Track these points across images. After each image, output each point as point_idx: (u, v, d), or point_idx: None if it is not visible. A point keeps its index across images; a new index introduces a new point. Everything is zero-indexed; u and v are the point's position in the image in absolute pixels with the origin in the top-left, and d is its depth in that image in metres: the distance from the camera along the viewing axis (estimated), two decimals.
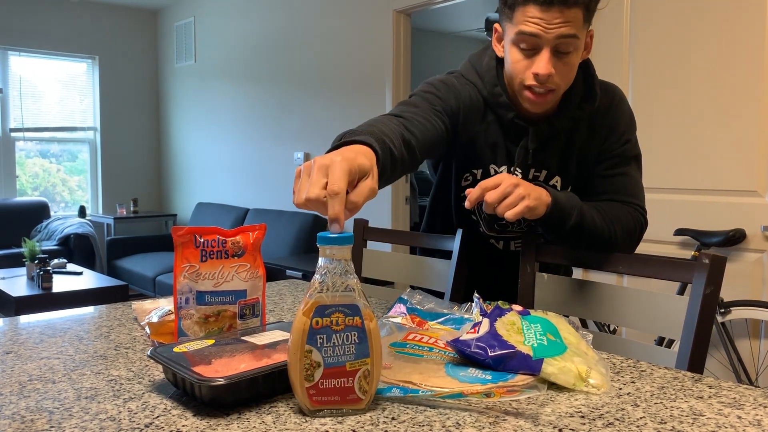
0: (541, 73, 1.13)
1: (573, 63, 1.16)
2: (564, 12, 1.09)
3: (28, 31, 5.85)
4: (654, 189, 2.72)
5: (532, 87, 1.16)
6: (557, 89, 1.17)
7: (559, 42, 1.11)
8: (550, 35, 1.10)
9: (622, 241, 1.24)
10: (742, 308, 2.32)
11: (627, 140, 1.29)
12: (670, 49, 2.64)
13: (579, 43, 1.14)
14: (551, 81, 1.14)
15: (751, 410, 0.76)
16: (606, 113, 1.28)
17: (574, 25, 1.10)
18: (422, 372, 0.81)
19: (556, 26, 1.09)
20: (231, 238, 0.99)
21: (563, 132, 1.28)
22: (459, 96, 1.27)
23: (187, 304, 0.97)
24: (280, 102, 5.04)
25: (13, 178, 5.96)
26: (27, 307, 3.64)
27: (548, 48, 1.12)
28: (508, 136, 1.29)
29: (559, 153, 1.30)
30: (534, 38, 1.11)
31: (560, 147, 1.30)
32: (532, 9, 1.10)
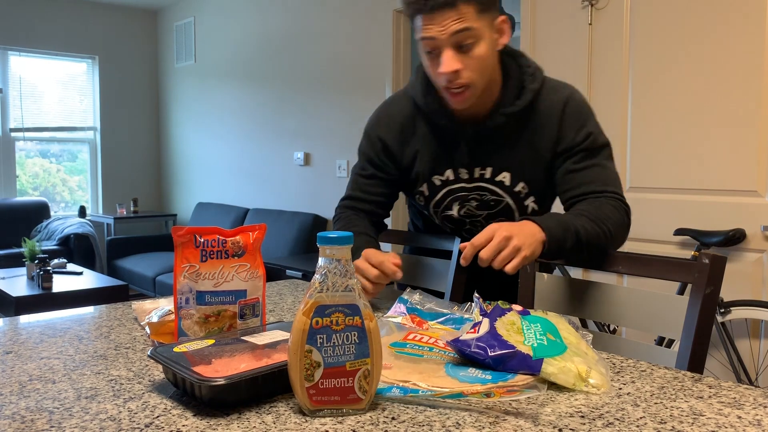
0: (446, 71, 1.17)
1: (480, 54, 1.19)
2: (449, 12, 1.14)
3: (28, 31, 5.85)
4: (654, 189, 2.72)
5: (448, 87, 1.21)
6: (472, 83, 1.20)
7: (456, 38, 1.15)
8: (444, 35, 1.15)
9: (616, 236, 1.25)
10: (742, 308, 2.32)
11: (588, 133, 1.30)
12: (670, 49, 2.64)
13: (478, 33, 1.16)
14: (462, 76, 1.18)
15: (751, 410, 0.76)
16: (554, 109, 1.30)
17: (465, 19, 1.14)
18: (422, 372, 0.81)
19: (447, 25, 1.14)
20: (231, 238, 0.99)
21: (502, 129, 1.30)
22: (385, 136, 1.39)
23: (187, 304, 0.98)
24: (280, 102, 5.04)
25: (13, 178, 5.96)
26: (27, 307, 3.64)
27: (448, 47, 1.16)
28: (445, 141, 1.34)
29: (504, 149, 1.32)
30: (433, 41, 1.17)
31: (504, 143, 1.32)
32: (420, 18, 1.17)
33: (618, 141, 2.83)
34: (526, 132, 1.31)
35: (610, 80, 2.85)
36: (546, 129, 1.30)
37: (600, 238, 1.21)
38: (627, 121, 2.80)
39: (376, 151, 1.41)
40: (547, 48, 3.09)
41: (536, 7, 3.13)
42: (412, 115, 1.37)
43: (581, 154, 1.30)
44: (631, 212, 1.29)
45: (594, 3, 2.86)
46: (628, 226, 1.28)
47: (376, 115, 1.44)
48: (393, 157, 1.41)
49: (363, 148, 1.45)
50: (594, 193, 1.27)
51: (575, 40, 2.96)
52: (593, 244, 1.21)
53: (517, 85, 1.29)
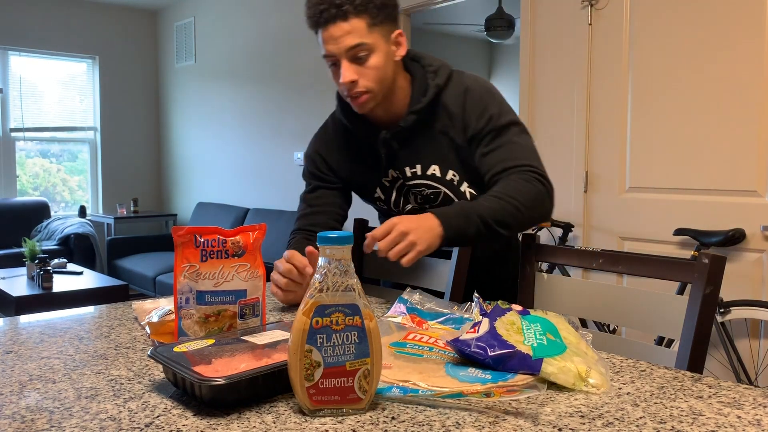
0: (343, 81, 1.28)
1: (375, 65, 1.29)
2: (342, 25, 1.25)
3: (28, 31, 5.85)
4: (654, 189, 2.73)
5: (349, 95, 1.31)
6: (372, 91, 1.30)
7: (351, 52, 1.26)
8: (340, 49, 1.26)
9: (531, 206, 1.26)
10: (742, 308, 2.32)
11: (489, 117, 1.34)
12: (670, 49, 2.64)
13: (370, 47, 1.27)
14: (359, 85, 1.29)
15: (750, 410, 0.76)
16: (458, 99, 1.37)
17: (357, 35, 1.25)
18: (422, 372, 0.81)
19: (341, 40, 1.25)
20: (231, 238, 0.99)
21: (417, 126, 1.38)
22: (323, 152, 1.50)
23: (187, 303, 0.98)
24: (280, 102, 5.04)
25: (13, 178, 5.96)
26: (27, 306, 3.64)
27: (344, 59, 1.27)
28: (374, 148, 1.43)
29: (425, 145, 1.39)
30: (332, 56, 1.28)
31: (424, 139, 1.39)
32: (321, 32, 1.28)
33: (618, 141, 2.84)
34: (438, 125, 1.39)
35: (610, 80, 2.85)
36: (454, 119, 1.38)
37: (511, 213, 1.23)
38: (627, 121, 2.80)
39: (317, 165, 1.50)
40: (547, 48, 3.09)
41: (536, 7, 3.13)
42: (342, 132, 1.48)
43: (488, 137, 1.34)
44: (547, 179, 1.30)
45: (594, 3, 2.86)
46: (546, 192, 1.29)
47: (312, 141, 1.54)
48: (332, 169, 1.50)
49: (305, 170, 1.54)
50: (506, 170, 1.30)
51: (575, 40, 2.96)
52: (504, 222, 1.23)
53: (422, 84, 1.37)
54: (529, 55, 3.17)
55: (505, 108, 1.37)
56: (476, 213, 1.22)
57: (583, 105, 2.95)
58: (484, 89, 1.38)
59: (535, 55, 3.15)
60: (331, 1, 1.24)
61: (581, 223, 2.99)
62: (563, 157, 3.04)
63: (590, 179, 2.96)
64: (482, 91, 1.38)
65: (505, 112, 1.36)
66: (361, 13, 1.25)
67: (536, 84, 3.16)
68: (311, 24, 1.29)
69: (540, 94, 3.14)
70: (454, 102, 1.37)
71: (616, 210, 2.86)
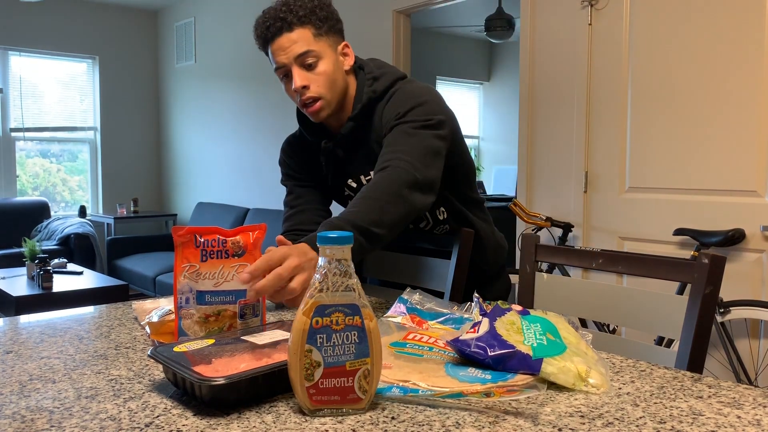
0: (296, 86, 1.31)
1: (324, 71, 1.33)
2: (288, 36, 1.30)
3: (28, 31, 5.85)
4: (654, 189, 2.73)
5: (303, 102, 1.35)
6: (321, 96, 1.34)
7: (300, 60, 1.31)
8: (288, 58, 1.31)
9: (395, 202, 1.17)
10: (742, 308, 2.32)
11: (397, 113, 1.31)
12: (670, 49, 2.64)
13: (318, 53, 1.32)
14: (311, 90, 1.33)
15: (750, 410, 0.76)
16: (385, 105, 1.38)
17: (303, 43, 1.31)
18: (422, 372, 0.81)
19: (289, 50, 1.31)
20: (231, 238, 0.99)
21: (357, 134, 1.40)
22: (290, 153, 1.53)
23: (187, 303, 0.98)
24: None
25: (13, 178, 5.96)
26: (27, 306, 3.64)
27: (295, 67, 1.32)
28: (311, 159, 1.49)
29: (369, 153, 1.40)
30: (284, 67, 1.33)
31: (361, 149, 1.42)
32: (270, 46, 1.33)
33: (618, 141, 2.84)
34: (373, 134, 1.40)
35: (609, 80, 2.85)
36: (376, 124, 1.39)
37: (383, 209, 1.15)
38: (627, 121, 2.80)
39: (288, 166, 1.54)
40: (547, 48, 3.09)
41: (536, 7, 3.13)
42: (304, 143, 1.52)
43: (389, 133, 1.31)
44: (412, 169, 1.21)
45: (594, 3, 2.86)
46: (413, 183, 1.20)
47: (282, 146, 1.58)
48: (302, 170, 1.53)
49: (282, 174, 1.58)
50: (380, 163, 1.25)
51: (575, 40, 2.96)
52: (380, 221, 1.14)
53: (360, 92, 1.40)
54: (529, 55, 3.17)
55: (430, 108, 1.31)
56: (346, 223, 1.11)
57: (583, 105, 2.95)
58: (408, 91, 1.34)
59: (535, 55, 3.15)
60: (276, 16, 1.31)
61: (581, 223, 2.99)
62: (563, 157, 3.04)
63: (590, 179, 2.96)
64: (405, 93, 1.34)
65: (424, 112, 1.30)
66: (305, 23, 1.31)
67: (536, 84, 3.16)
68: (261, 43, 1.35)
69: (540, 94, 3.14)
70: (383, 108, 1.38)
71: (615, 210, 2.86)
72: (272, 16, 1.31)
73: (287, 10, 1.31)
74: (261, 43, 1.36)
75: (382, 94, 1.39)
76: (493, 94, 7.58)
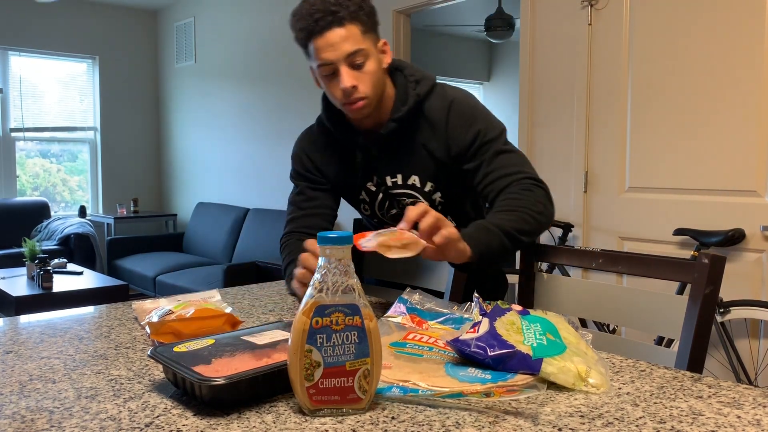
0: (346, 86, 1.27)
1: (371, 70, 1.30)
2: (338, 31, 1.26)
3: (28, 31, 5.85)
4: (654, 189, 2.73)
5: (347, 101, 1.31)
6: (367, 97, 1.31)
7: (349, 59, 1.27)
8: (338, 56, 1.26)
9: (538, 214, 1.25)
10: (742, 308, 2.32)
11: (477, 131, 1.34)
12: (670, 49, 2.64)
13: (366, 52, 1.28)
14: (358, 91, 1.29)
15: (750, 410, 0.76)
16: (441, 112, 1.37)
17: (354, 40, 1.26)
18: (422, 372, 0.81)
19: (339, 46, 1.26)
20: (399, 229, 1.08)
21: (396, 135, 1.38)
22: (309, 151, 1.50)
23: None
24: (280, 102, 5.04)
25: (13, 178, 5.96)
26: (27, 306, 3.64)
27: (344, 65, 1.27)
28: (344, 155, 1.45)
29: (405, 155, 1.40)
30: (331, 65, 1.28)
31: (404, 150, 1.40)
32: (316, 40, 1.27)
33: (618, 141, 2.84)
34: (419, 136, 1.39)
35: (609, 80, 2.85)
36: (436, 133, 1.38)
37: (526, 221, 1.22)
38: (627, 121, 2.80)
39: (303, 165, 1.51)
40: (547, 48, 3.09)
41: (536, 7, 3.13)
42: (327, 139, 1.48)
43: (479, 151, 1.34)
44: (544, 184, 1.31)
45: (594, 3, 2.86)
46: (546, 196, 1.29)
47: (298, 141, 1.55)
48: (319, 169, 1.50)
49: (293, 171, 1.54)
50: (502, 179, 1.30)
51: (575, 40, 2.96)
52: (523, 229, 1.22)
53: (403, 93, 1.38)
54: (529, 55, 3.17)
55: (492, 121, 1.37)
56: (495, 226, 1.20)
57: (583, 105, 2.96)
58: (469, 104, 1.38)
59: (535, 55, 3.16)
60: (326, 9, 1.25)
61: (581, 223, 2.99)
62: (563, 157, 3.04)
63: (590, 179, 2.96)
64: (468, 106, 1.38)
65: (492, 126, 1.36)
66: (354, 19, 1.26)
67: (536, 84, 3.16)
68: (304, 35, 1.29)
69: (540, 94, 3.15)
70: (437, 114, 1.37)
71: (615, 210, 2.86)
72: (321, 8, 1.25)
73: (338, 4, 1.25)
74: (304, 35, 1.29)
75: (425, 97, 1.38)
76: (493, 94, 7.57)
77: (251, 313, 1.26)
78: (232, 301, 1.36)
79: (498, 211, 1.25)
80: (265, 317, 1.22)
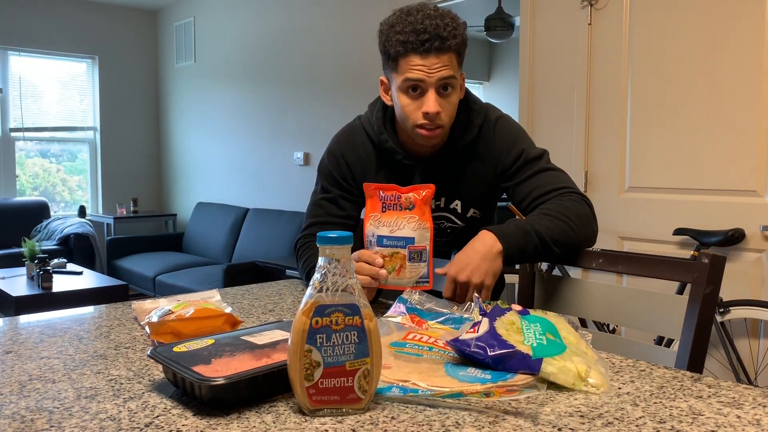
0: (431, 111, 1.27)
1: (453, 101, 1.32)
2: (440, 57, 1.25)
3: (28, 31, 5.84)
4: (653, 189, 2.73)
5: (423, 125, 1.30)
6: (444, 126, 1.31)
7: (441, 82, 1.27)
8: (432, 78, 1.26)
9: (582, 226, 1.27)
10: (742, 308, 2.32)
11: (521, 150, 1.38)
12: (670, 49, 2.64)
13: (456, 83, 1.30)
14: (440, 119, 1.29)
15: (750, 410, 0.76)
16: (487, 139, 1.40)
17: (450, 68, 1.27)
18: (422, 371, 0.81)
19: (436, 70, 1.25)
20: (404, 194, 1.19)
21: (451, 162, 1.40)
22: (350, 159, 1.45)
23: (370, 245, 1.21)
24: (280, 102, 5.04)
25: (13, 178, 5.96)
26: (27, 306, 3.64)
27: (433, 89, 1.27)
28: (401, 176, 1.43)
29: (452, 181, 1.42)
30: (420, 83, 1.27)
31: (453, 176, 1.42)
32: (413, 58, 1.26)
33: (617, 141, 2.84)
34: (470, 164, 1.42)
35: (609, 80, 2.85)
36: (485, 157, 1.41)
37: (565, 232, 1.24)
38: (626, 121, 2.80)
39: (341, 172, 1.46)
40: (546, 48, 3.09)
41: (536, 7, 3.13)
42: (371, 150, 1.45)
43: (523, 168, 1.37)
44: (590, 202, 1.33)
45: (594, 3, 2.86)
46: (592, 215, 1.31)
47: (338, 139, 1.49)
48: (355, 180, 1.46)
49: (326, 168, 1.48)
50: (549, 193, 1.32)
51: (575, 40, 2.96)
52: (560, 240, 1.24)
53: (465, 121, 1.39)
54: (529, 55, 3.17)
55: (532, 142, 1.41)
56: (534, 230, 1.22)
57: (583, 105, 2.96)
58: (513, 124, 1.43)
59: (534, 55, 3.15)
60: (436, 33, 1.24)
61: None
62: (563, 157, 3.04)
63: (590, 179, 2.96)
64: (512, 126, 1.42)
65: (532, 146, 1.40)
66: (455, 50, 1.28)
67: (536, 84, 3.16)
68: (402, 48, 1.26)
69: (540, 94, 3.15)
70: (485, 139, 1.40)
71: (615, 210, 2.86)
72: (431, 31, 1.24)
73: (447, 32, 1.24)
74: (401, 49, 1.26)
75: (481, 126, 1.40)
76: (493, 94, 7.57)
77: (251, 313, 1.26)
78: (231, 301, 1.36)
79: (541, 214, 1.26)
80: (264, 317, 1.22)
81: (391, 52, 1.29)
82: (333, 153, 1.47)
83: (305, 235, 1.47)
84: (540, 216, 1.25)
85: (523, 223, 1.23)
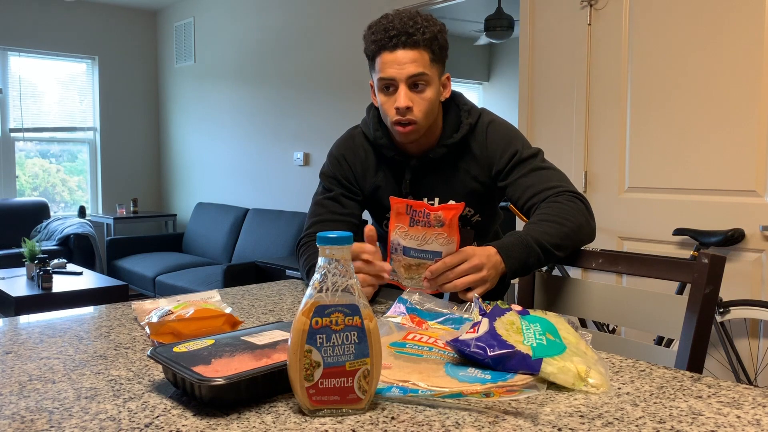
0: (401, 106, 1.32)
1: (428, 98, 1.35)
2: (408, 52, 1.31)
3: (28, 31, 5.85)
4: (653, 189, 2.73)
5: (398, 121, 1.35)
6: (418, 121, 1.35)
7: (412, 80, 1.32)
8: (402, 74, 1.31)
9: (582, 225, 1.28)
10: (741, 308, 2.32)
11: (514, 150, 1.40)
12: (670, 49, 2.64)
13: (429, 79, 1.33)
14: (411, 113, 1.33)
15: (750, 410, 0.76)
16: (481, 140, 1.43)
17: (420, 64, 1.31)
18: (422, 372, 0.81)
19: (405, 66, 1.31)
20: (434, 212, 1.20)
21: (443, 160, 1.43)
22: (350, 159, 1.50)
23: (395, 252, 1.22)
24: (280, 102, 5.04)
25: (12, 178, 5.96)
26: (27, 307, 3.64)
27: (403, 85, 1.32)
28: (396, 174, 1.47)
29: (447, 179, 1.45)
30: (391, 81, 1.33)
31: (446, 173, 1.45)
32: (385, 54, 1.32)
33: (617, 141, 2.84)
34: (463, 162, 1.44)
35: (609, 80, 2.85)
36: (477, 156, 1.43)
37: (566, 235, 1.25)
38: (626, 121, 2.80)
39: (342, 171, 1.50)
40: (546, 48, 3.09)
41: (536, 7, 3.13)
42: (370, 150, 1.50)
43: (517, 167, 1.39)
44: (586, 199, 1.34)
45: (593, 3, 2.86)
46: (588, 211, 1.32)
47: (339, 143, 1.55)
48: (356, 180, 1.50)
49: (328, 170, 1.52)
50: (542, 192, 1.34)
51: (574, 41, 2.96)
52: (561, 244, 1.25)
53: (455, 121, 1.43)
54: (529, 55, 3.17)
55: (527, 143, 1.44)
56: (534, 241, 1.23)
57: (583, 105, 2.96)
58: (507, 125, 1.45)
59: (534, 55, 3.16)
60: (403, 29, 1.30)
61: None
62: (562, 157, 3.04)
63: (589, 179, 2.96)
64: (505, 127, 1.45)
65: (529, 146, 1.42)
66: (426, 46, 1.31)
67: (536, 84, 3.16)
68: (375, 47, 1.34)
69: (539, 94, 3.15)
70: (479, 140, 1.43)
71: (615, 210, 2.86)
72: (398, 27, 1.30)
73: (415, 28, 1.30)
74: (375, 48, 1.34)
75: (474, 126, 1.43)
76: (493, 94, 7.57)
77: (251, 313, 1.26)
78: (231, 302, 1.36)
79: (538, 220, 1.27)
80: (264, 317, 1.22)
81: (368, 53, 1.37)
82: (334, 155, 1.53)
83: (307, 234, 1.48)
84: (539, 223, 1.26)
85: (523, 234, 1.24)
